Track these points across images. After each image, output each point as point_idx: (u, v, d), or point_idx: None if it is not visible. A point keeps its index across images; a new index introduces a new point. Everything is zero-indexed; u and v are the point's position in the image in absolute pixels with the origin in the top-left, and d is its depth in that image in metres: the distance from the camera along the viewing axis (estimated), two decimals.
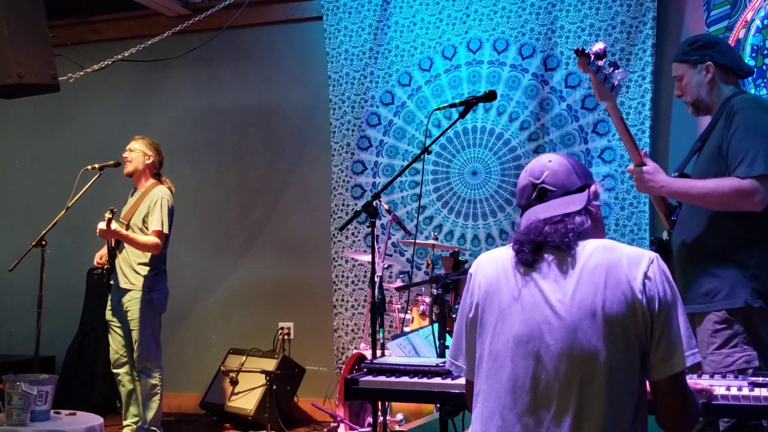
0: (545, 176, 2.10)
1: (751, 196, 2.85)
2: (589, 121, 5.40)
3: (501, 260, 2.10)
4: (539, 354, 1.94)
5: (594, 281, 1.94)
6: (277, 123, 6.48)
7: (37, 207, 6.77)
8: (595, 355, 1.90)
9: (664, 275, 1.96)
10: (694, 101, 3.19)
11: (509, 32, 5.64)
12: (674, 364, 1.93)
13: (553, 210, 2.06)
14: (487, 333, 2.05)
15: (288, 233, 6.40)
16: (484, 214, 5.70)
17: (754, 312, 2.89)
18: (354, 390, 2.69)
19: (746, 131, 2.90)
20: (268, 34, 6.53)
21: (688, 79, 3.18)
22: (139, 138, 5.24)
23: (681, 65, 3.21)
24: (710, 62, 3.12)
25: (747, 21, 4.85)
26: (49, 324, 5.33)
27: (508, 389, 1.97)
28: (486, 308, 2.06)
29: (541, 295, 1.98)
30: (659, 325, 1.92)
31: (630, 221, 5.25)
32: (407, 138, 5.92)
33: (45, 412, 4.14)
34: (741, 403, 2.27)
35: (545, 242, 2.00)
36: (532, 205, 2.11)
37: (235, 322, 6.46)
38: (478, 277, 2.12)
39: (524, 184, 2.14)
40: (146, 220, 5.04)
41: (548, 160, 2.14)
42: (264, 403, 5.57)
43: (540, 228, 2.02)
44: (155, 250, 5.01)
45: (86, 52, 6.33)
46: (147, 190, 5.15)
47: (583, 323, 1.92)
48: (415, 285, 4.77)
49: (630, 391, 1.93)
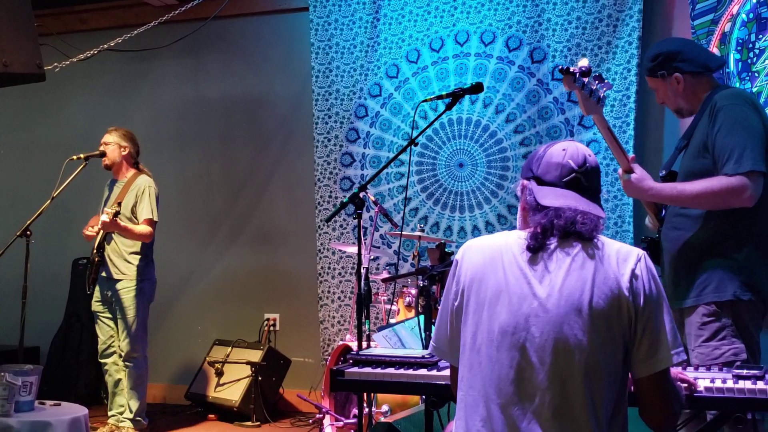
0: (585, 168, 2.10)
1: (741, 192, 2.87)
2: (575, 113, 5.42)
3: (489, 248, 2.09)
4: (524, 346, 1.95)
5: (582, 276, 1.95)
6: (262, 114, 6.47)
7: (21, 197, 6.74)
8: (580, 349, 1.91)
9: (651, 274, 1.98)
10: (676, 109, 3.26)
11: (496, 24, 5.64)
12: (658, 362, 1.96)
13: (588, 206, 2.05)
14: (472, 321, 2.05)
15: (273, 224, 6.40)
16: (470, 206, 5.71)
17: (743, 305, 2.92)
18: (340, 381, 2.70)
19: (731, 128, 2.92)
20: (254, 24, 6.51)
21: (663, 90, 3.22)
22: (112, 130, 5.26)
23: (652, 79, 3.25)
24: (678, 74, 3.14)
25: (733, 14, 4.87)
26: (34, 314, 5.30)
27: (492, 379, 1.98)
28: (472, 296, 2.06)
29: (529, 287, 1.98)
30: (643, 322, 1.95)
31: (614, 214, 5.27)
32: (393, 129, 5.92)
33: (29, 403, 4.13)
34: (725, 396, 2.30)
35: (576, 230, 2.00)
36: (561, 186, 2.09)
37: (220, 313, 6.46)
38: (465, 264, 2.11)
39: (561, 162, 2.10)
40: (135, 209, 5.06)
41: (589, 153, 2.14)
42: (249, 394, 5.57)
43: (575, 218, 2.01)
44: (148, 239, 5.09)
45: (72, 41, 6.30)
46: (130, 180, 5.16)
47: (570, 317, 1.93)
48: (402, 276, 4.78)
49: (612, 384, 1.94)
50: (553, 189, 2.09)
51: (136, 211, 5.07)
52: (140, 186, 5.11)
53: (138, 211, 5.06)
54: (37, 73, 4.28)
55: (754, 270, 2.93)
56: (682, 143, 3.22)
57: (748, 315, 2.93)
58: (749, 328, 2.93)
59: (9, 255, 4.94)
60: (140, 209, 5.06)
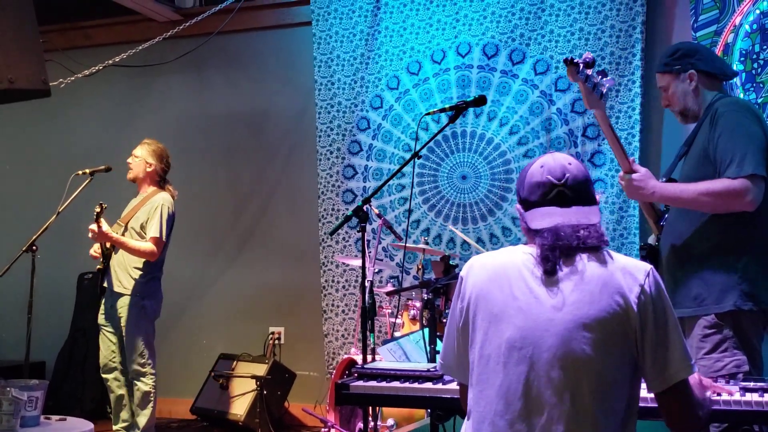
0: (567, 179, 2.07)
1: (742, 195, 2.87)
2: (578, 124, 5.42)
3: (493, 265, 2.08)
4: (532, 360, 1.94)
5: (590, 291, 1.94)
6: (266, 128, 6.48)
7: (27, 212, 6.75)
8: (588, 364, 1.90)
9: (659, 288, 1.97)
10: (681, 110, 3.23)
11: (499, 37, 5.66)
12: (670, 376, 1.94)
13: (576, 217, 2.04)
14: (479, 337, 2.04)
15: (278, 238, 6.40)
16: (474, 218, 5.71)
17: (744, 315, 2.90)
18: (345, 395, 2.70)
19: (732, 133, 2.93)
20: (258, 39, 6.54)
21: (674, 89, 3.21)
22: (146, 143, 5.20)
23: (664, 76, 3.24)
24: (693, 70, 3.15)
25: (735, 25, 4.88)
26: (40, 329, 5.31)
27: (500, 395, 1.97)
28: (478, 313, 2.05)
29: (536, 302, 1.97)
30: (652, 338, 1.93)
31: (619, 225, 5.26)
32: (394, 141, 5.93)
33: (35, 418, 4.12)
34: (732, 408, 2.29)
35: (581, 245, 1.99)
36: (546, 204, 2.07)
37: (225, 327, 6.46)
38: (470, 281, 2.10)
39: (541, 181, 2.08)
40: (145, 226, 5.01)
41: (568, 162, 2.10)
42: (254, 408, 5.56)
43: (569, 233, 2.00)
44: (151, 257, 4.98)
45: (77, 57, 6.33)
46: (148, 196, 5.13)
47: (578, 332, 1.92)
48: (406, 290, 4.78)
49: (620, 399, 1.94)
50: (540, 210, 2.07)
51: (146, 227, 5.03)
52: (155, 203, 5.05)
53: (147, 227, 4.99)
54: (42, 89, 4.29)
55: (755, 279, 2.91)
56: (682, 150, 3.22)
57: (750, 325, 2.91)
58: (751, 339, 2.91)
59: (15, 270, 4.95)
60: (150, 226, 4.98)
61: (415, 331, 4.57)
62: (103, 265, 5.03)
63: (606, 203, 5.30)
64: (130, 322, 4.95)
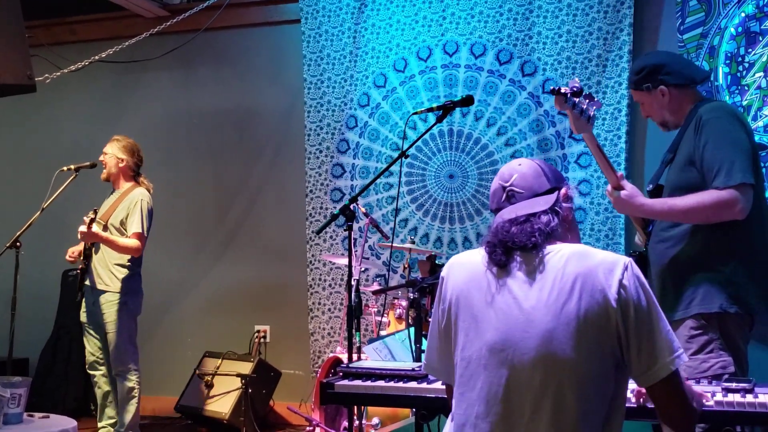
0: (514, 179, 2.10)
1: (733, 205, 2.88)
2: (565, 126, 5.44)
3: (472, 264, 2.08)
4: (513, 362, 1.93)
5: (569, 289, 1.92)
6: (254, 125, 6.47)
7: (11, 208, 6.71)
8: (570, 364, 1.89)
9: (639, 281, 1.93)
10: (662, 122, 3.27)
11: (486, 37, 5.66)
12: (659, 369, 1.90)
13: (519, 210, 2.05)
14: (460, 339, 2.04)
15: (264, 236, 6.39)
16: (461, 218, 5.72)
17: (730, 318, 2.92)
18: (330, 394, 2.70)
19: (718, 141, 2.94)
20: (246, 36, 6.52)
21: (648, 103, 3.24)
22: (115, 140, 5.18)
23: (637, 92, 3.27)
24: (663, 86, 3.16)
25: (721, 28, 4.91)
26: (23, 326, 5.28)
27: (481, 397, 1.96)
28: (459, 314, 2.05)
29: (515, 302, 1.96)
30: (636, 333, 1.90)
31: (605, 226, 5.28)
32: (381, 139, 5.93)
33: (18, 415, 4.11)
34: (714, 409, 2.29)
35: (513, 243, 1.99)
36: (502, 207, 2.10)
37: (210, 324, 6.44)
38: (450, 282, 2.11)
39: (495, 188, 2.15)
40: (124, 222, 5.00)
41: (518, 164, 2.14)
42: (239, 406, 5.55)
43: (507, 228, 2.01)
44: (136, 253, 4.98)
45: (63, 52, 6.30)
46: (125, 192, 5.12)
47: (558, 331, 1.90)
48: (392, 289, 4.78)
49: (604, 398, 1.92)
50: (497, 215, 2.11)
51: (126, 223, 5.01)
52: (133, 198, 5.04)
53: (128, 223, 4.99)
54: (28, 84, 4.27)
55: (741, 283, 2.93)
56: (668, 157, 3.23)
57: (736, 328, 2.93)
58: (737, 341, 2.93)
59: None
60: (130, 222, 4.98)
61: (400, 330, 4.58)
62: (84, 265, 5.02)
63: (592, 204, 5.32)
64: (114, 319, 4.94)
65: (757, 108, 4.74)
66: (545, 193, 2.09)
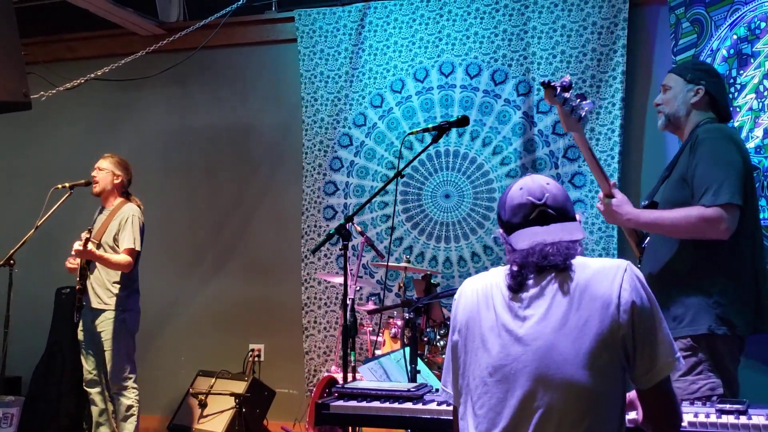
0: (547, 198, 2.10)
1: (717, 223, 2.90)
2: (560, 146, 5.46)
3: (482, 288, 2.11)
4: (518, 381, 1.95)
5: (570, 305, 1.95)
6: (249, 144, 6.48)
7: (6, 225, 6.69)
8: (575, 380, 1.90)
9: (639, 283, 1.97)
10: (670, 115, 3.25)
11: (482, 57, 5.69)
12: (660, 370, 1.94)
13: (559, 235, 2.05)
14: (469, 360, 2.07)
15: (259, 254, 6.38)
16: (456, 237, 5.73)
17: (718, 339, 2.93)
18: (324, 415, 2.69)
19: (709, 161, 2.96)
20: (242, 55, 6.54)
21: (676, 92, 3.24)
22: (108, 156, 5.21)
23: (676, 77, 3.27)
24: (702, 87, 3.18)
25: (713, 50, 4.94)
26: (16, 344, 5.26)
27: (487, 417, 1.98)
28: (468, 336, 2.08)
29: (518, 323, 1.99)
30: (640, 335, 1.93)
31: (598, 246, 5.30)
32: (377, 159, 5.95)
33: None
34: (708, 430, 2.28)
35: (548, 264, 2.00)
36: (529, 225, 2.09)
37: (204, 343, 6.41)
38: (461, 305, 2.14)
39: (522, 203, 2.11)
40: (117, 238, 5.00)
41: (546, 182, 2.14)
42: (233, 426, 5.53)
43: (546, 251, 2.01)
44: (127, 269, 4.99)
45: (59, 70, 6.30)
46: (116, 208, 5.12)
47: (562, 347, 1.92)
48: (388, 308, 4.78)
49: (611, 412, 1.94)
50: (524, 231, 2.09)
51: (118, 239, 5.02)
52: (125, 214, 5.05)
53: (120, 239, 4.99)
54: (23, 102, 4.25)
55: (729, 305, 2.94)
56: (664, 174, 3.25)
57: (725, 350, 2.94)
58: (726, 363, 2.93)
59: None
60: (122, 238, 4.99)
61: (396, 350, 4.57)
62: (80, 285, 5.01)
63: (586, 224, 5.34)
64: (111, 336, 4.94)
65: (749, 129, 4.77)
66: (571, 218, 2.12)
